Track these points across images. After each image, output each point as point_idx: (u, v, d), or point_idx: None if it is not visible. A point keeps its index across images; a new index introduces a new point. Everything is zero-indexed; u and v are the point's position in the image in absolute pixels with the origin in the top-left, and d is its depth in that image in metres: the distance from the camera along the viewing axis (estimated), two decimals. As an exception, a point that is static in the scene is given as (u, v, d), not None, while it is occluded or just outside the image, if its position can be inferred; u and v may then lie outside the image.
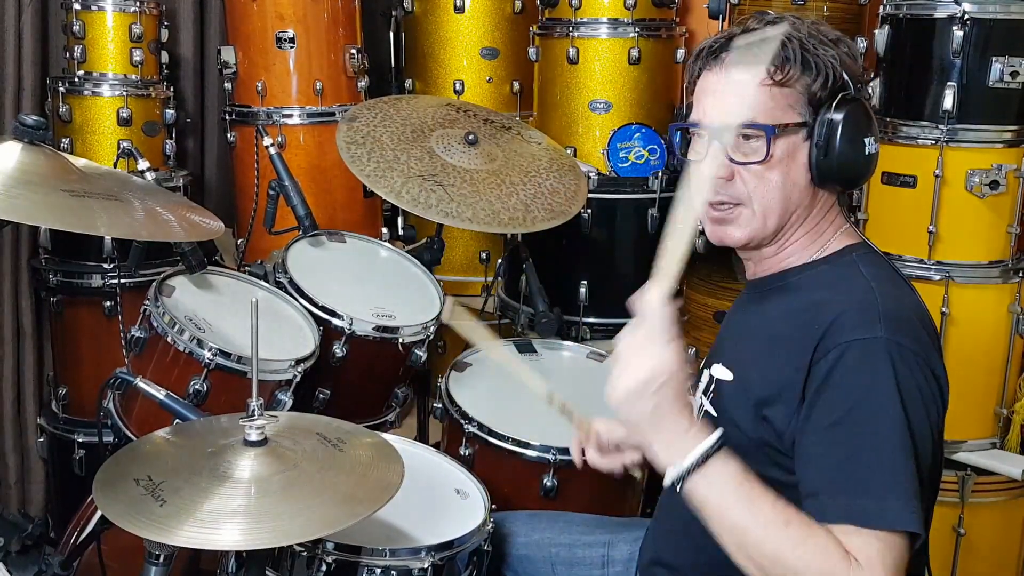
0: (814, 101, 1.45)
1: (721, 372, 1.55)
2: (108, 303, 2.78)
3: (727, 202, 1.49)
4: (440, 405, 2.28)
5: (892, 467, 1.32)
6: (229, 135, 3.10)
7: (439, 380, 2.31)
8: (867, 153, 1.47)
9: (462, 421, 2.17)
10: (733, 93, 1.46)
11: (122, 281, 2.64)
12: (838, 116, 1.44)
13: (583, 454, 1.78)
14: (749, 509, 1.28)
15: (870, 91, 1.51)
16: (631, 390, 1.29)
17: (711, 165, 1.46)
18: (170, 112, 3.00)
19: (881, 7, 2.47)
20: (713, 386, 1.55)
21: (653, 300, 1.31)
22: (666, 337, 1.29)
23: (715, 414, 1.52)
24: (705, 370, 1.60)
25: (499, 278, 3.14)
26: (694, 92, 1.54)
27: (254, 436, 1.50)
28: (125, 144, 2.63)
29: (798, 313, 1.45)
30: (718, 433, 1.31)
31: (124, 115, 2.88)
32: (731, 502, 1.29)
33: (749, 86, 1.44)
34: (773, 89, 1.45)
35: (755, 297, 1.59)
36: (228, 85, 3.06)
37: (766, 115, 1.44)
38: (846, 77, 1.46)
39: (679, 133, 1.60)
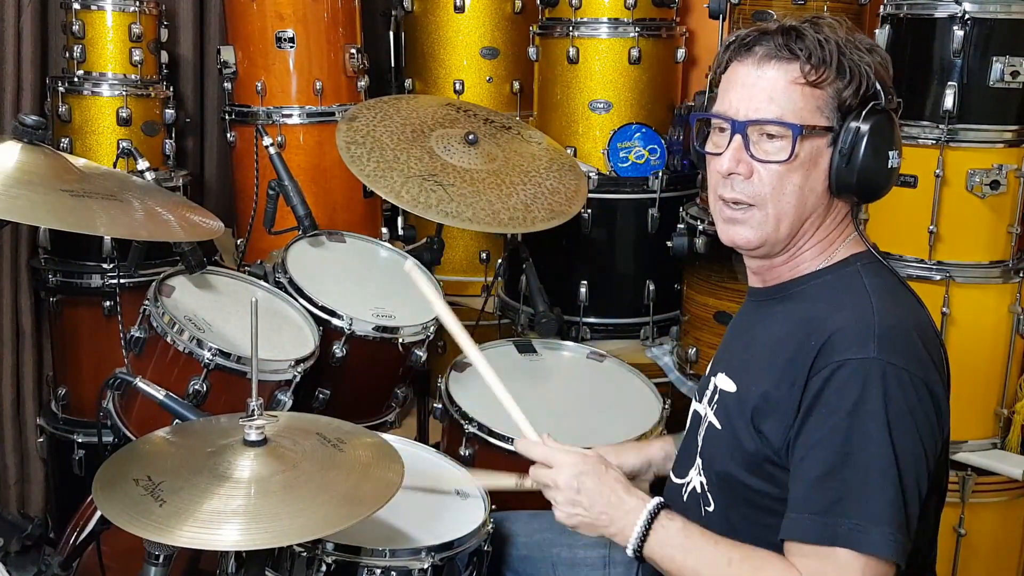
0: (843, 107, 1.42)
1: (724, 382, 1.53)
2: (108, 303, 2.78)
3: (742, 201, 1.46)
4: (440, 405, 2.27)
5: (871, 490, 1.31)
6: (229, 135, 3.10)
7: (439, 380, 2.30)
8: (890, 166, 1.45)
9: (462, 421, 2.17)
10: (764, 88, 1.43)
11: (122, 281, 2.64)
12: (865, 125, 1.41)
13: None
14: (693, 558, 1.41)
15: (899, 103, 1.49)
16: (563, 503, 1.51)
17: (731, 159, 1.45)
18: (170, 112, 3.00)
19: (881, 7, 2.47)
20: (717, 396, 1.54)
21: (529, 443, 1.58)
22: (555, 454, 1.53)
23: (719, 426, 1.51)
24: (711, 377, 1.59)
25: (499, 278, 3.14)
26: (720, 83, 1.50)
27: (254, 436, 1.50)
28: (125, 144, 2.62)
29: (799, 326, 1.43)
30: (653, 503, 1.45)
31: (124, 115, 2.87)
32: (679, 556, 1.42)
33: (780, 82, 1.42)
34: (805, 88, 1.42)
35: (760, 305, 1.57)
36: (228, 85, 3.06)
37: (794, 114, 1.41)
38: (878, 87, 1.43)
39: (697, 124, 1.57)
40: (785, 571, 1.34)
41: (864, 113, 1.42)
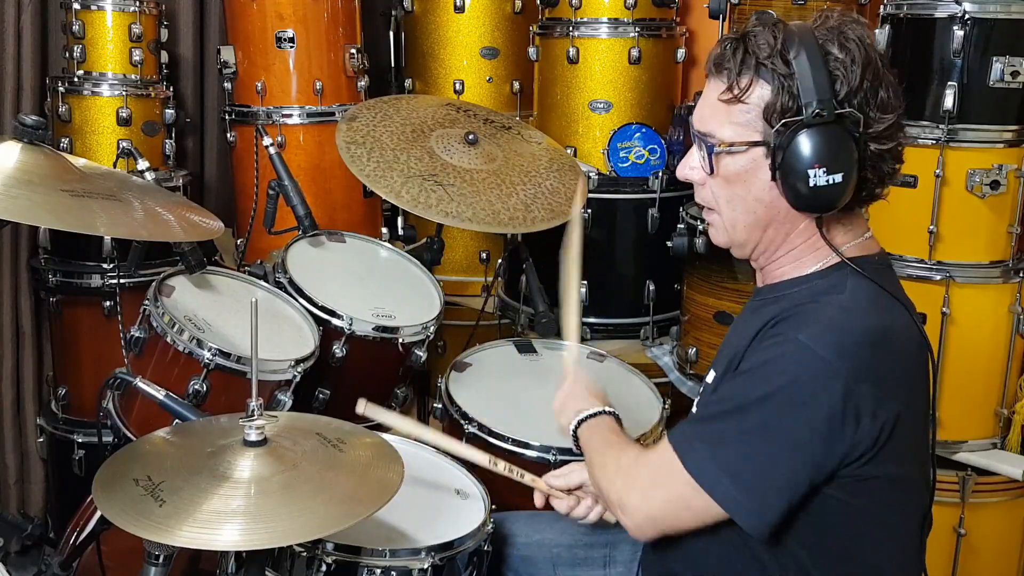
0: (772, 120, 1.38)
1: (710, 377, 1.56)
2: (108, 303, 2.78)
3: (704, 206, 1.53)
4: (440, 405, 2.27)
5: (740, 446, 1.37)
6: (229, 135, 3.10)
7: (439, 380, 2.30)
8: (812, 185, 1.36)
9: (462, 421, 2.17)
10: (703, 102, 1.48)
11: (122, 281, 2.64)
12: (784, 142, 1.37)
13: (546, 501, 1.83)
14: (599, 456, 1.60)
15: (850, 113, 1.39)
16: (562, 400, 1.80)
17: (684, 166, 1.52)
18: (170, 112, 3.00)
19: (881, 7, 2.47)
20: (702, 391, 1.57)
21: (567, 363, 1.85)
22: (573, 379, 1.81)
23: None
24: (707, 375, 1.60)
25: (499, 278, 3.14)
26: None
27: (254, 436, 1.50)
28: (125, 144, 2.63)
29: (772, 318, 1.44)
30: (597, 408, 1.71)
31: (124, 115, 2.87)
32: (591, 453, 1.64)
33: (712, 97, 1.45)
34: (730, 105, 1.42)
35: (755, 306, 1.58)
36: (228, 85, 3.06)
37: (720, 130, 1.43)
38: (813, 98, 1.34)
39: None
40: (623, 470, 1.52)
41: (777, 129, 1.37)
